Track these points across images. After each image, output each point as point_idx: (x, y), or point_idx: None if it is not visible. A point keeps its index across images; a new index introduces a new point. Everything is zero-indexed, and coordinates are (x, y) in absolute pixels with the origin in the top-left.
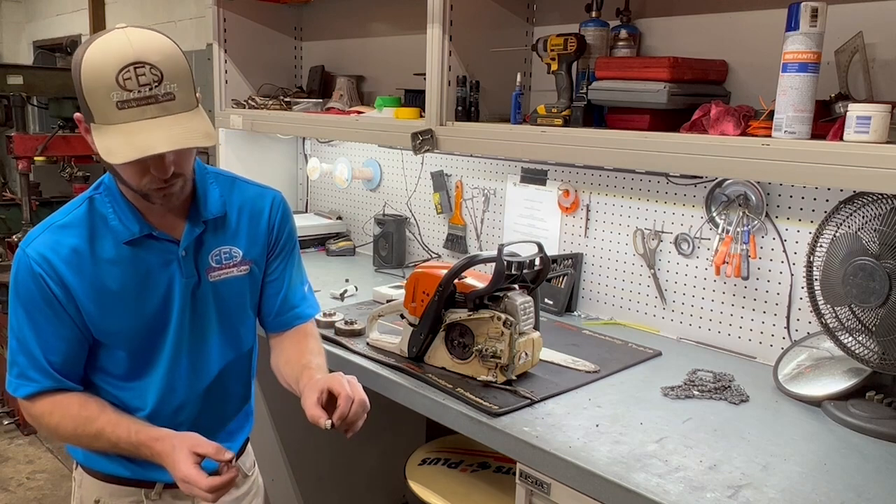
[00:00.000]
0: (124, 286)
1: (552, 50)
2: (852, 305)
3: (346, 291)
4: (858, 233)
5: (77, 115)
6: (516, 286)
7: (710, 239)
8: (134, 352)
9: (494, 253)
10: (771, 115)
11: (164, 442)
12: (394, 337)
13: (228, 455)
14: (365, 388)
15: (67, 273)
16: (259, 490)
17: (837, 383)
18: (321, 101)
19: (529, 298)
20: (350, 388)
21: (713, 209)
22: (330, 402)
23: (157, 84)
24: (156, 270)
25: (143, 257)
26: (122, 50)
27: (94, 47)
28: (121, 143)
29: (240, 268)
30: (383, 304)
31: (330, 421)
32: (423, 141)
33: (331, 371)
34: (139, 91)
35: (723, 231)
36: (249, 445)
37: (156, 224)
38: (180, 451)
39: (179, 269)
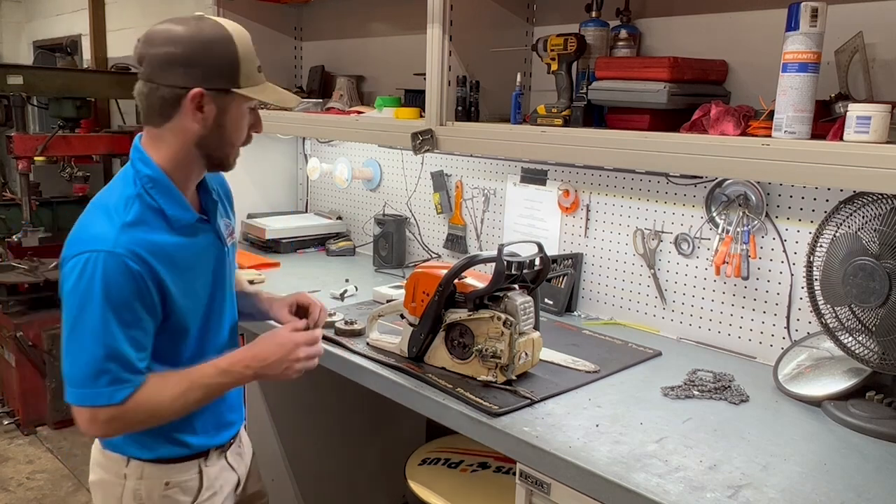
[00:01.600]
0: (190, 265)
1: (552, 50)
2: (852, 305)
3: (346, 291)
4: (858, 233)
5: (195, 91)
6: (516, 286)
7: (710, 239)
8: (201, 325)
9: (494, 253)
10: (771, 115)
11: (254, 349)
12: (394, 337)
13: (302, 323)
14: (365, 388)
15: (156, 264)
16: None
17: (837, 383)
18: (321, 101)
19: (529, 298)
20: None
21: (713, 209)
22: (299, 312)
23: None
24: (203, 246)
25: (192, 238)
26: (243, 29)
27: (230, 25)
28: (280, 95)
29: (233, 235)
30: (383, 304)
31: (306, 322)
32: (423, 141)
33: (331, 371)
34: (258, 62)
35: (723, 231)
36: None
37: (191, 204)
38: (281, 336)
39: (217, 239)
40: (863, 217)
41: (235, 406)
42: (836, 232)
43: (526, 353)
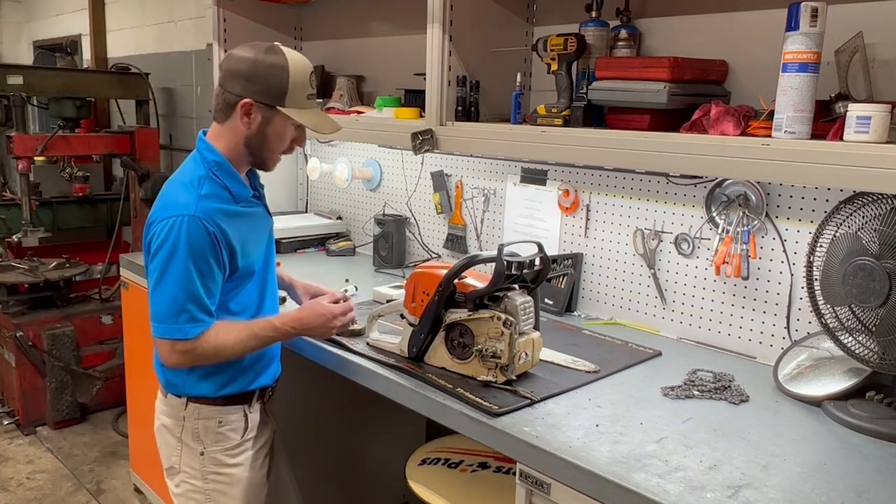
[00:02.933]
0: (249, 231)
1: (552, 50)
2: (852, 305)
3: (346, 291)
4: (858, 233)
5: (246, 100)
6: (516, 286)
7: (710, 239)
8: (255, 277)
9: (494, 253)
10: (771, 115)
11: (304, 313)
12: (394, 337)
13: (340, 293)
14: (365, 388)
15: (227, 227)
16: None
17: (837, 383)
18: (321, 101)
19: (529, 298)
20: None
21: (713, 209)
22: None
23: (315, 90)
24: (259, 218)
25: (251, 210)
26: (306, 60)
27: (290, 54)
28: (321, 122)
29: (270, 212)
30: (383, 304)
31: (343, 294)
32: (423, 141)
33: (331, 371)
34: (313, 91)
35: (723, 231)
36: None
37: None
38: (322, 306)
39: (268, 215)
40: (863, 217)
41: (276, 352)
42: (836, 232)
43: (526, 353)
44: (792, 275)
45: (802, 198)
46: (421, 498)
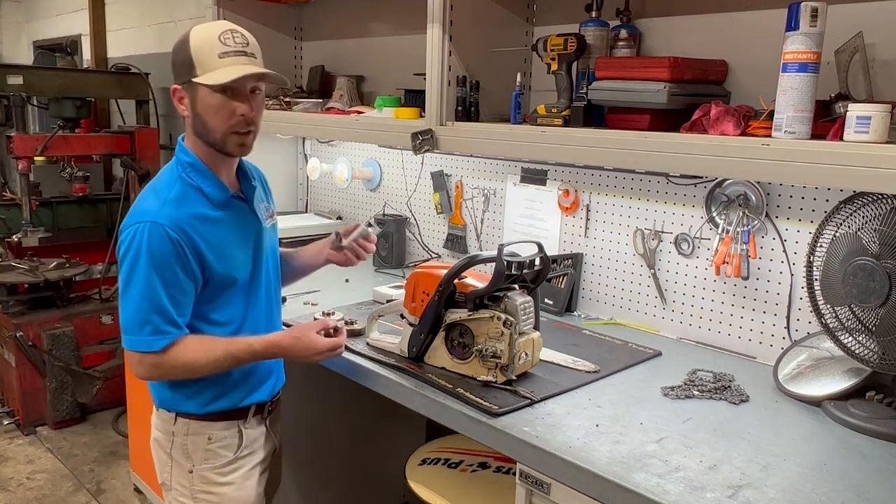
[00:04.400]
0: (227, 237)
1: (552, 50)
2: (852, 305)
3: (369, 226)
4: (858, 233)
5: (173, 87)
6: (516, 286)
7: (710, 239)
8: (236, 288)
9: (494, 253)
10: (771, 115)
11: (285, 339)
12: (394, 337)
13: (333, 322)
14: (365, 388)
15: (193, 234)
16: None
17: (837, 383)
18: (321, 101)
19: (529, 298)
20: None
21: (713, 209)
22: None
23: (245, 45)
24: (243, 223)
25: (231, 215)
26: (220, 23)
27: (198, 25)
28: (225, 73)
29: (273, 217)
30: (383, 304)
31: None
32: (423, 141)
33: (331, 371)
34: (234, 47)
35: (723, 231)
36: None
37: (230, 187)
38: (307, 336)
39: (257, 219)
40: (863, 217)
41: (275, 365)
42: (836, 232)
43: (526, 353)
44: (792, 275)
45: (802, 198)
46: (421, 498)
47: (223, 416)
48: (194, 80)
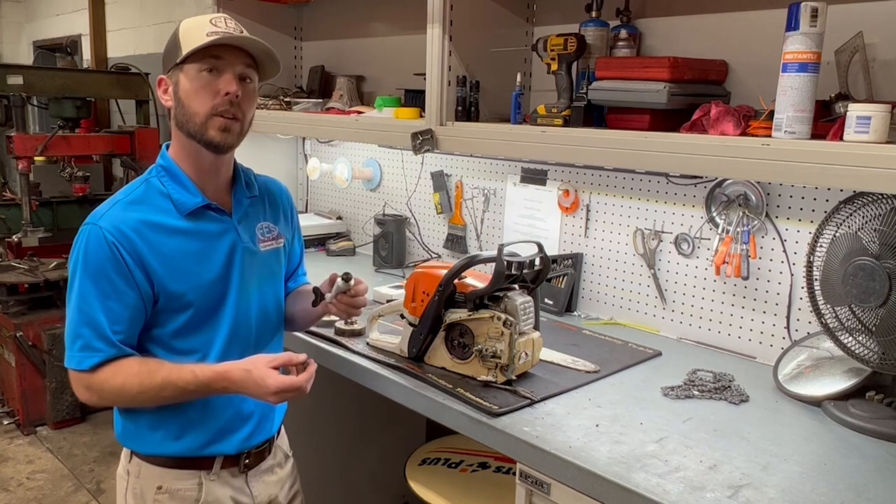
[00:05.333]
0: (188, 251)
1: (552, 50)
2: (852, 305)
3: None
4: (858, 233)
5: (159, 77)
6: (516, 286)
7: (710, 239)
8: (197, 313)
9: (494, 253)
10: (771, 115)
11: (235, 370)
12: (394, 337)
13: (301, 357)
14: (365, 388)
15: (138, 241)
16: (296, 473)
17: (837, 383)
18: (321, 101)
19: (529, 298)
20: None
21: (713, 209)
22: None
23: (237, 31)
24: (215, 238)
25: (202, 227)
26: (212, 14)
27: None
28: (207, 33)
29: (278, 241)
30: (383, 304)
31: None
32: (423, 141)
33: (331, 371)
34: (226, 28)
35: (723, 231)
36: (283, 429)
37: (211, 198)
38: (259, 370)
39: (238, 236)
40: (863, 217)
41: (255, 412)
42: (836, 232)
43: (526, 353)
44: (792, 275)
45: (802, 198)
46: (421, 498)
47: (178, 462)
48: (178, 61)
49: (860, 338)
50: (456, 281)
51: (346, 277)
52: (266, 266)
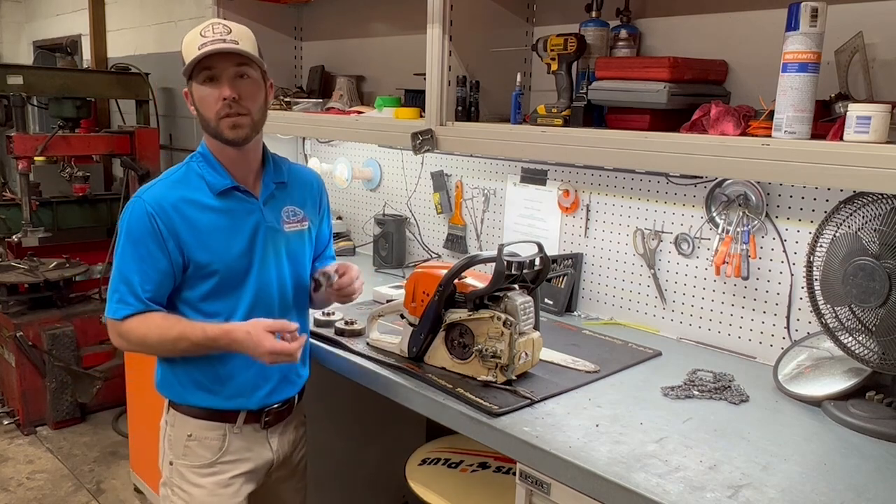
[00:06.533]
0: (217, 226)
1: (552, 50)
2: (852, 305)
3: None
4: (858, 233)
5: (184, 90)
6: (516, 286)
7: (710, 239)
8: (222, 281)
9: (494, 253)
10: (771, 115)
11: (237, 331)
12: (394, 337)
13: (293, 326)
14: (365, 388)
15: (174, 215)
16: (305, 437)
17: (837, 383)
18: (321, 101)
19: (529, 298)
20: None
21: (713, 209)
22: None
23: (226, 34)
24: (242, 216)
25: (231, 206)
26: (208, 21)
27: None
28: (196, 56)
29: (303, 223)
30: (383, 304)
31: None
32: (423, 141)
33: (331, 371)
34: (212, 37)
35: (723, 231)
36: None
37: (240, 182)
38: (258, 333)
39: (262, 216)
40: (863, 217)
41: (276, 372)
42: (836, 232)
43: (526, 353)
44: (792, 275)
45: (802, 198)
46: (421, 498)
47: (206, 414)
48: (187, 77)
49: (860, 338)
50: (456, 281)
51: (318, 284)
52: (289, 245)
